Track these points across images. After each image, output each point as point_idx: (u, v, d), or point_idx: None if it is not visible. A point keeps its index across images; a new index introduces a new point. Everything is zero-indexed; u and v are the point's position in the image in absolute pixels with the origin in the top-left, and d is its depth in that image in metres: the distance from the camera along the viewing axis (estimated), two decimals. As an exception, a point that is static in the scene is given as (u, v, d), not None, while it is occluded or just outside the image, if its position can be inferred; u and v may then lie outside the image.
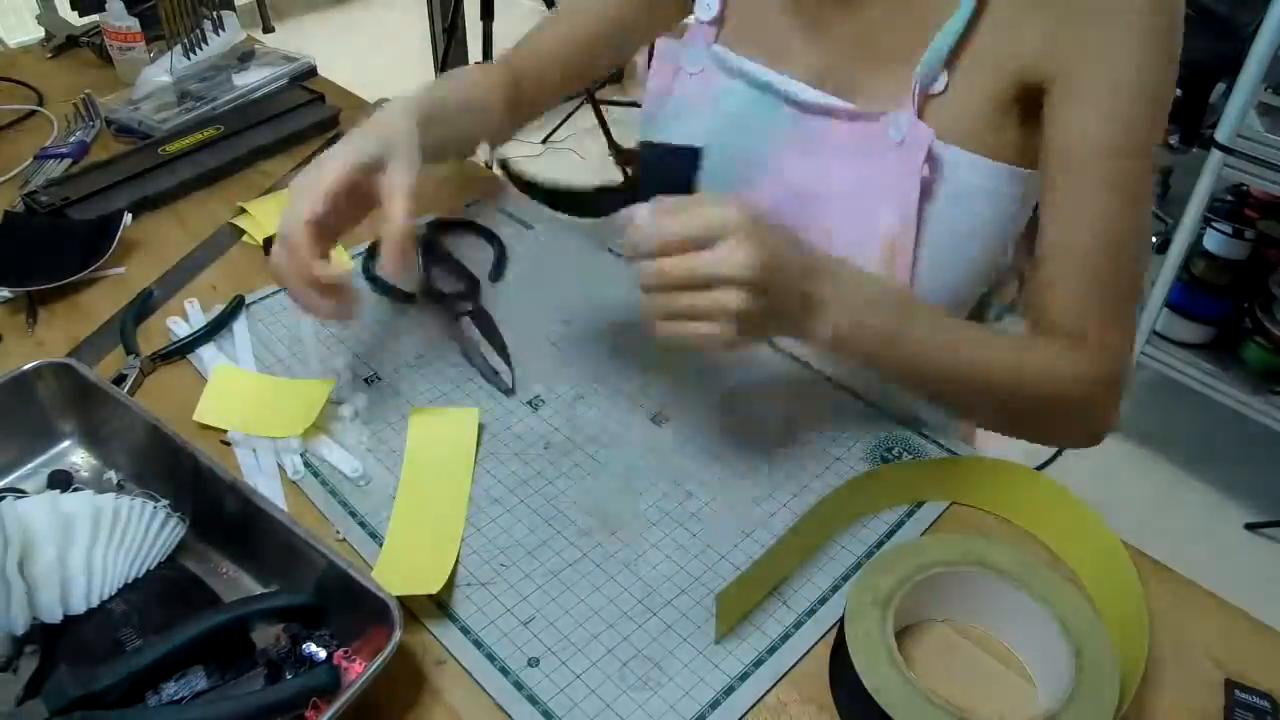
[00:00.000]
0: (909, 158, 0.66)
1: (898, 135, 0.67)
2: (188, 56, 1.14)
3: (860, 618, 0.51)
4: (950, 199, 0.67)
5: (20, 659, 0.51)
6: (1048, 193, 0.64)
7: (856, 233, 0.70)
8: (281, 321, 0.77)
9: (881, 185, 0.68)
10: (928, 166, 0.66)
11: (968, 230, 0.68)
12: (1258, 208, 1.78)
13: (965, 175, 0.67)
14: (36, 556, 0.52)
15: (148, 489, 0.61)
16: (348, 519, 0.61)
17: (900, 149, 0.67)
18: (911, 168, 0.66)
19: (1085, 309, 0.64)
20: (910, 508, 0.63)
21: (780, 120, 0.73)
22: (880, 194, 0.69)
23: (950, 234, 0.68)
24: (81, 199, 0.90)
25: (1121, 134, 0.61)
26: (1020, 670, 0.54)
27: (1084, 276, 0.63)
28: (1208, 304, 1.77)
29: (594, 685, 0.52)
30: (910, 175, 0.66)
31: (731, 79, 0.76)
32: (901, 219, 0.68)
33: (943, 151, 0.66)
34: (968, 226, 0.68)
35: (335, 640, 0.52)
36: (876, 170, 0.69)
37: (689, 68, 0.78)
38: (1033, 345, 0.65)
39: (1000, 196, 0.68)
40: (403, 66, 3.11)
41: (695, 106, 0.78)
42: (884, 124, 0.68)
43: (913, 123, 0.66)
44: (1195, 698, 0.52)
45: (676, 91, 0.79)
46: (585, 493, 0.63)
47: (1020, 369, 0.63)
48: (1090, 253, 0.63)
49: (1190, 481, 1.87)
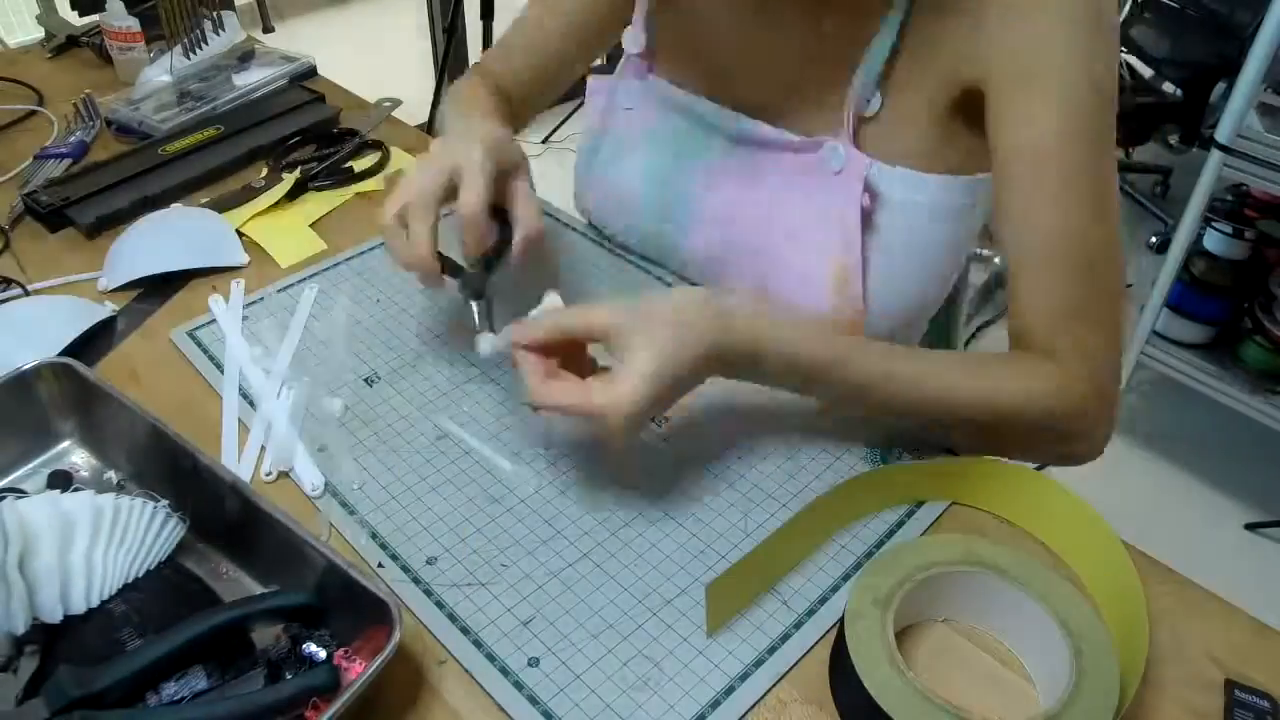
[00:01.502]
0: (848, 186, 0.66)
1: (837, 164, 0.66)
2: (188, 56, 1.14)
3: (860, 618, 0.51)
4: (896, 221, 0.67)
5: (20, 659, 0.51)
6: (1002, 198, 0.62)
7: (805, 262, 0.70)
8: (278, 318, 0.77)
9: (824, 214, 0.68)
10: (867, 196, 0.65)
11: (919, 247, 0.68)
12: (1258, 208, 1.78)
13: (910, 194, 0.66)
14: (37, 556, 0.52)
15: (148, 489, 0.61)
16: (357, 529, 0.61)
17: (839, 178, 0.67)
18: (851, 196, 0.66)
19: (1059, 316, 0.61)
20: (910, 507, 0.63)
21: (717, 153, 0.73)
22: (824, 222, 0.68)
23: (899, 255, 0.68)
24: (81, 199, 0.90)
25: (1065, 128, 0.59)
26: (1020, 670, 0.54)
27: (1053, 281, 0.61)
28: (1208, 304, 1.77)
29: (594, 685, 0.52)
30: (851, 204, 0.66)
31: (666, 113, 0.75)
32: (846, 246, 0.67)
33: (882, 175, 0.66)
34: (918, 243, 0.68)
35: (335, 640, 0.52)
36: (817, 199, 0.68)
37: (623, 103, 0.77)
38: (1003, 365, 0.62)
39: (950, 210, 0.67)
40: (403, 66, 3.11)
41: (632, 143, 0.77)
42: (822, 154, 0.68)
43: (849, 151, 0.66)
44: (1195, 698, 0.52)
45: (611, 129, 0.79)
46: (585, 493, 0.63)
47: (992, 392, 0.61)
48: (1055, 255, 0.60)
49: (1190, 481, 1.87)
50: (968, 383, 0.61)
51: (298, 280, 0.82)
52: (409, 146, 1.03)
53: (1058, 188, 0.59)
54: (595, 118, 0.80)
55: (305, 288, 0.81)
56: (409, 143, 1.04)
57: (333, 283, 0.82)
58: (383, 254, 0.86)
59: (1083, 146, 0.59)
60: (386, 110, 1.10)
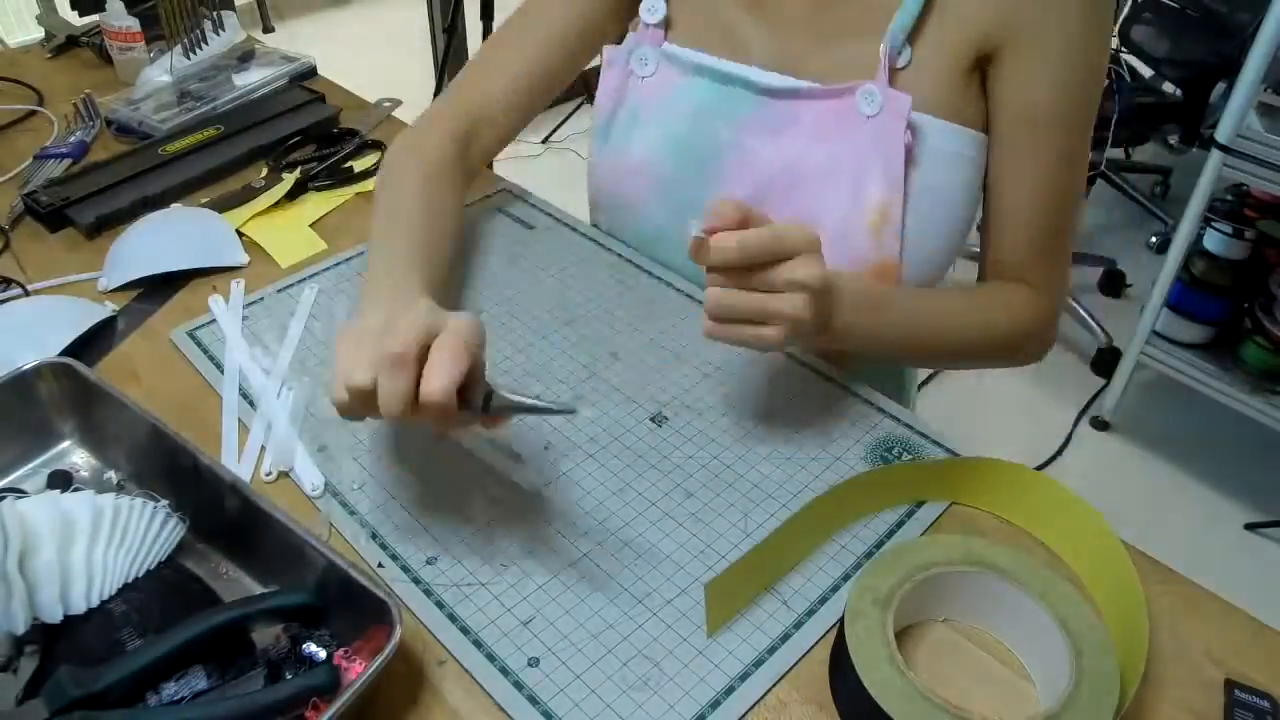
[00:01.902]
0: (888, 128, 0.68)
1: (871, 108, 0.69)
2: (188, 56, 1.14)
3: (860, 618, 0.51)
4: (930, 166, 0.70)
5: (20, 659, 0.51)
6: (997, 152, 0.71)
7: (840, 208, 0.72)
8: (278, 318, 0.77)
9: (860, 158, 0.70)
10: (909, 134, 0.68)
11: (948, 196, 0.72)
12: (1258, 208, 1.78)
13: (939, 142, 0.69)
14: (37, 555, 0.52)
15: (148, 489, 0.61)
16: (357, 529, 0.61)
17: (875, 121, 0.69)
18: (893, 137, 0.68)
19: (1030, 256, 0.73)
20: (910, 507, 0.63)
21: (745, 108, 0.74)
22: (861, 167, 0.70)
23: (933, 199, 0.71)
24: (81, 199, 0.90)
25: (1066, 100, 0.67)
26: (1020, 670, 0.54)
27: (1030, 228, 0.72)
28: (1208, 304, 1.77)
29: (594, 685, 0.52)
30: (893, 144, 0.68)
31: (688, 76, 0.76)
32: (888, 188, 0.70)
33: (919, 119, 0.69)
34: (948, 192, 0.72)
35: (335, 640, 0.52)
36: (852, 145, 0.70)
37: (640, 71, 0.78)
38: (990, 293, 0.74)
39: (969, 161, 0.71)
40: (403, 66, 3.11)
41: (652, 110, 0.77)
42: (854, 99, 0.70)
43: (887, 93, 0.68)
44: (1195, 698, 0.52)
45: (630, 99, 0.79)
46: (585, 493, 0.63)
47: (987, 318, 0.73)
48: (1036, 209, 0.71)
49: (1190, 481, 1.87)
50: (974, 315, 0.73)
51: (298, 280, 0.82)
52: None
53: (1049, 155, 0.69)
54: (610, 88, 0.80)
55: (305, 288, 0.81)
56: (409, 143, 1.04)
57: (333, 283, 0.82)
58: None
59: (1076, 121, 0.69)
60: (386, 110, 1.10)
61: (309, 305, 0.79)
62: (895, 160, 0.69)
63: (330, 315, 0.78)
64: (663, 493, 0.63)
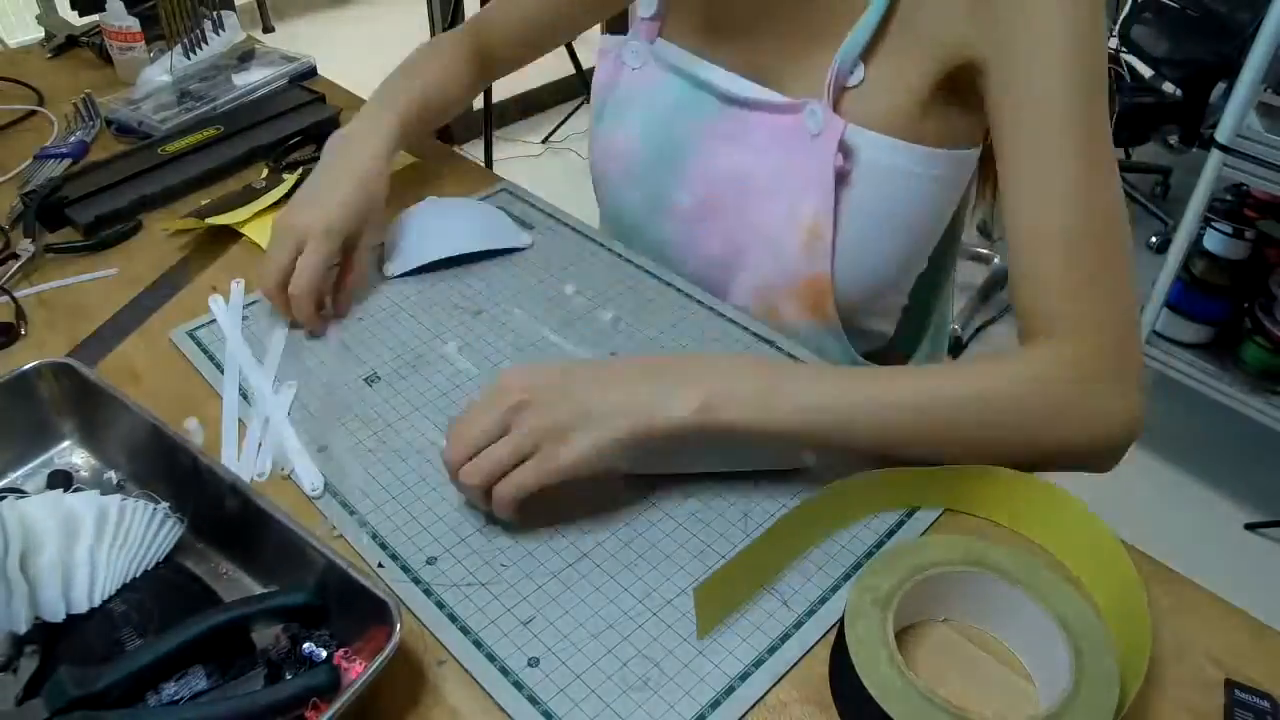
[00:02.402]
0: (824, 148, 0.69)
1: (815, 127, 0.69)
2: (188, 56, 1.14)
3: (860, 618, 0.51)
4: (869, 186, 0.69)
5: (20, 659, 0.51)
6: (1005, 174, 0.62)
7: (778, 222, 0.73)
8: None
9: (800, 175, 0.71)
10: (840, 156, 0.68)
11: (891, 214, 0.71)
12: (1258, 208, 1.78)
13: (886, 159, 0.69)
14: (39, 555, 0.52)
15: (148, 489, 0.61)
16: (357, 529, 0.61)
17: (817, 140, 0.69)
18: (827, 158, 0.69)
19: (1069, 290, 0.60)
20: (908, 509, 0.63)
21: (710, 111, 0.77)
22: (799, 184, 0.71)
23: (869, 220, 0.71)
24: (81, 198, 0.90)
25: (1068, 102, 0.59)
26: (1020, 670, 0.54)
27: (1061, 256, 0.60)
28: (1208, 304, 1.77)
29: (594, 685, 0.52)
30: (826, 165, 0.69)
31: (668, 74, 0.79)
32: (819, 208, 0.70)
33: (860, 139, 0.68)
34: (889, 211, 0.71)
35: (335, 640, 0.52)
36: (795, 161, 0.71)
37: (630, 63, 0.82)
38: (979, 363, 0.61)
39: (925, 179, 0.70)
40: (403, 66, 3.10)
41: (636, 101, 0.82)
42: (802, 116, 0.70)
43: (826, 114, 0.68)
44: (1195, 698, 0.52)
45: (621, 86, 0.83)
46: (585, 493, 0.63)
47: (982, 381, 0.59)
48: (1064, 229, 0.60)
49: (1190, 481, 1.87)
50: (951, 380, 0.59)
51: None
52: (408, 146, 1.03)
53: (1063, 163, 0.60)
54: (604, 76, 0.85)
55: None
56: (409, 143, 1.04)
57: (333, 283, 0.82)
58: (382, 254, 0.86)
59: (1085, 121, 0.60)
60: (386, 110, 1.10)
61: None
62: (828, 180, 0.69)
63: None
64: (663, 493, 0.63)
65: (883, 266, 0.73)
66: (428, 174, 0.99)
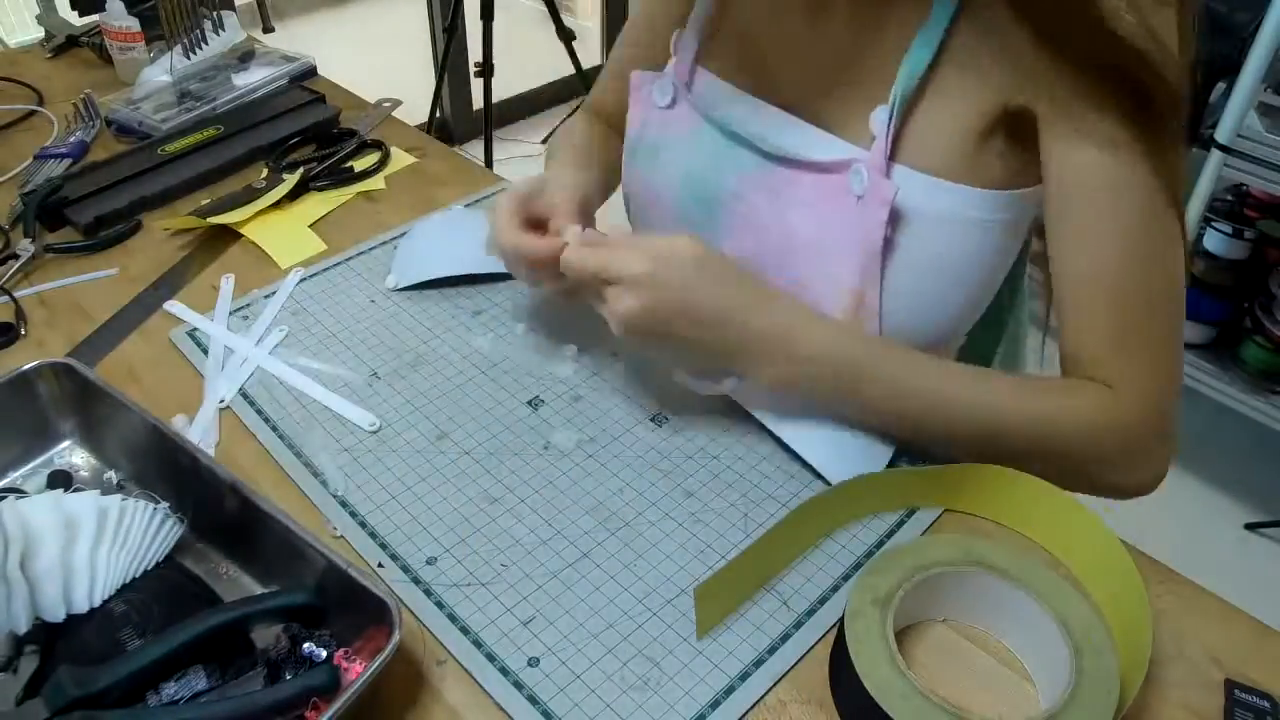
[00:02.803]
0: (870, 212, 0.64)
1: (860, 189, 0.64)
2: (188, 56, 1.14)
3: (860, 618, 0.51)
4: (920, 234, 0.64)
5: (20, 659, 0.51)
6: (1059, 226, 0.61)
7: (823, 282, 0.68)
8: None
9: (843, 238, 0.66)
10: (890, 226, 0.63)
11: (942, 269, 0.65)
12: (1258, 208, 1.78)
13: (939, 205, 0.63)
14: (39, 555, 0.52)
15: (148, 489, 0.61)
16: (349, 520, 0.61)
17: (862, 203, 0.64)
18: (873, 223, 0.63)
19: (1113, 346, 0.61)
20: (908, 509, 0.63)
21: (748, 164, 0.71)
22: (843, 247, 0.66)
23: (920, 273, 0.65)
24: (81, 198, 0.90)
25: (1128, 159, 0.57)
26: (1020, 670, 0.54)
27: (1109, 310, 0.60)
28: (1208, 304, 1.77)
29: (594, 685, 0.52)
30: (873, 231, 0.64)
31: (702, 121, 0.74)
32: (864, 271, 0.65)
33: (910, 184, 0.63)
34: (942, 265, 0.65)
35: (335, 640, 0.52)
36: (838, 222, 0.66)
37: (658, 101, 0.76)
38: (1054, 387, 0.62)
39: (980, 223, 0.64)
40: (403, 66, 3.11)
41: (671, 147, 0.76)
42: (846, 176, 0.65)
43: (874, 176, 0.63)
44: (1195, 698, 0.52)
45: (653, 126, 0.78)
46: (585, 493, 0.63)
47: (1039, 412, 0.61)
48: (1105, 287, 0.60)
49: (1190, 481, 1.87)
50: (1014, 402, 0.61)
51: (297, 280, 0.82)
52: (409, 146, 1.03)
53: (1122, 218, 0.59)
54: (637, 111, 0.79)
55: (293, 280, 0.82)
56: (409, 143, 1.04)
57: (333, 283, 0.82)
58: (382, 254, 0.86)
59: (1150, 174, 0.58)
60: (386, 110, 1.10)
61: (289, 292, 0.80)
62: (874, 248, 0.64)
63: (330, 316, 0.78)
64: (663, 493, 0.63)
65: (937, 317, 0.68)
66: (428, 174, 0.99)
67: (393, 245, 0.87)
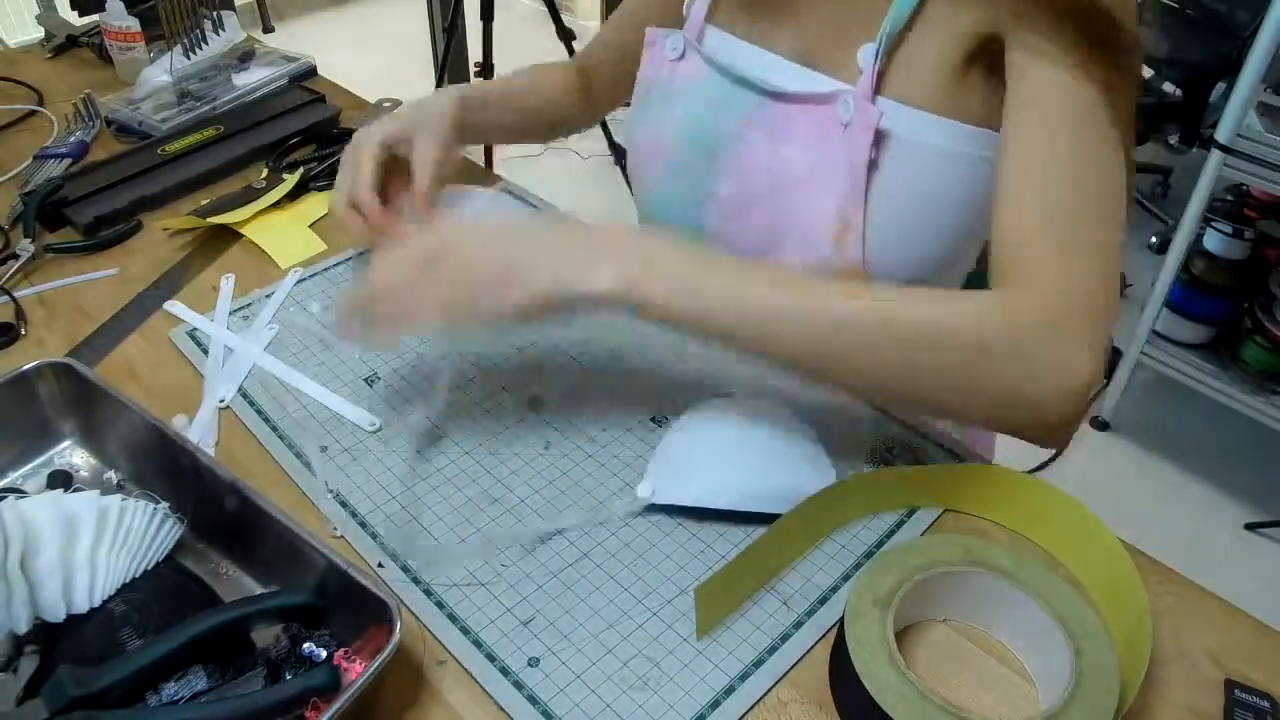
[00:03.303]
0: (856, 137, 0.67)
1: (846, 115, 0.67)
2: (188, 56, 1.14)
3: (860, 618, 0.51)
4: (904, 165, 0.67)
5: (20, 659, 0.51)
6: (1005, 132, 0.61)
7: (809, 214, 0.71)
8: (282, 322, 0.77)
9: (831, 166, 0.69)
10: (875, 149, 0.66)
11: (925, 197, 0.68)
12: (1258, 208, 1.78)
13: (923, 137, 0.66)
14: (39, 555, 0.52)
15: (148, 489, 0.61)
16: (349, 520, 0.61)
17: (849, 130, 0.67)
18: (858, 148, 0.66)
19: (1031, 247, 0.56)
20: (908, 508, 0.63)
21: (748, 105, 0.75)
22: (830, 174, 0.69)
23: (904, 206, 0.68)
24: (81, 199, 0.90)
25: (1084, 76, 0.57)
26: (1020, 670, 0.54)
27: (1033, 210, 0.57)
28: (1208, 304, 1.77)
29: (594, 685, 0.52)
30: (859, 155, 0.66)
31: (708, 69, 0.78)
32: (848, 198, 0.68)
33: (896, 116, 0.65)
34: (926, 193, 0.67)
35: (335, 640, 0.52)
36: (827, 151, 0.69)
37: (669, 54, 0.80)
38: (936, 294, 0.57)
39: (962, 157, 0.66)
40: (403, 66, 3.11)
41: (676, 96, 0.80)
42: (834, 107, 0.68)
43: (860, 103, 0.66)
44: (1195, 698, 0.52)
45: (661, 80, 0.82)
46: (585, 493, 0.63)
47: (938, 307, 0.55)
48: (1043, 183, 0.57)
49: (1190, 481, 1.87)
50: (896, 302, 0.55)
51: (297, 280, 0.82)
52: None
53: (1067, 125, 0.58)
54: (649, 69, 0.83)
55: (290, 281, 0.82)
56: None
57: (333, 283, 0.82)
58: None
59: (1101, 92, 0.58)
60: (386, 110, 1.10)
61: (285, 293, 0.80)
62: (859, 170, 0.67)
63: (330, 316, 0.78)
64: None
65: (921, 251, 0.70)
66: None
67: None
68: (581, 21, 3.43)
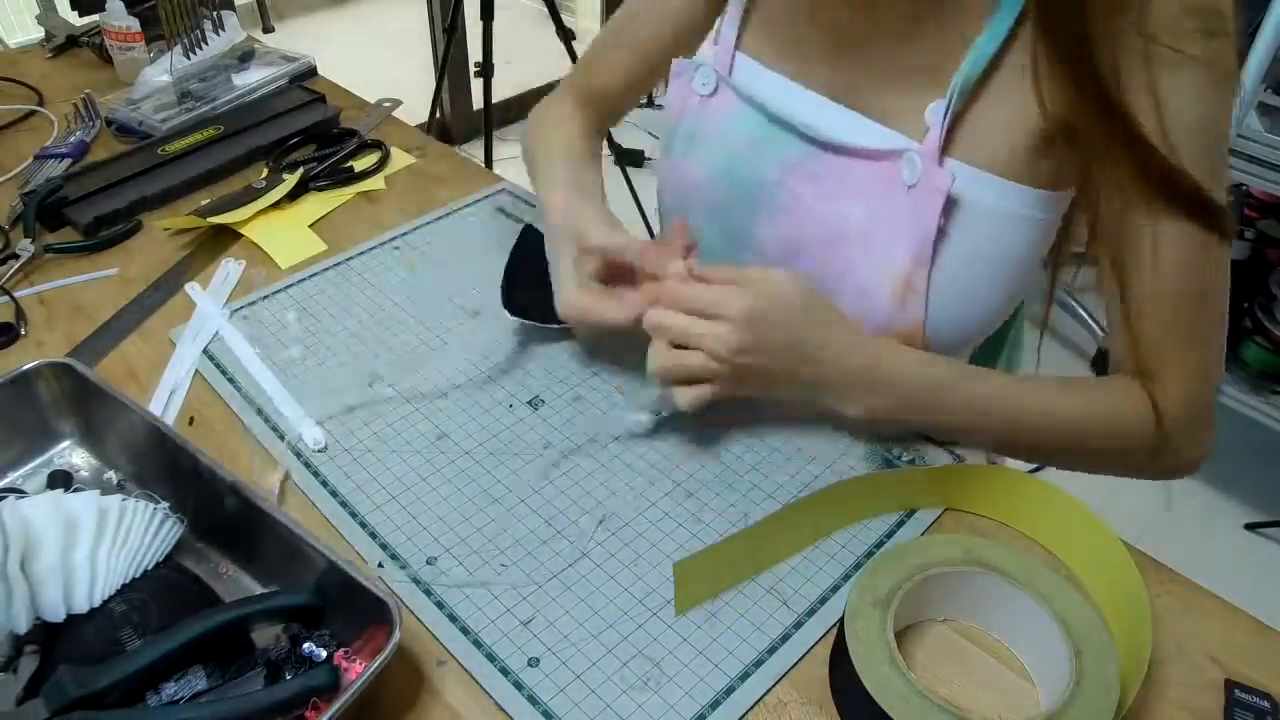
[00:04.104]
0: (924, 201, 0.64)
1: (911, 177, 0.64)
2: (188, 56, 1.14)
3: (860, 618, 0.51)
4: (971, 232, 0.64)
5: (20, 659, 0.51)
6: (1129, 240, 0.61)
7: (868, 271, 0.68)
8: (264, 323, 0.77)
9: (893, 226, 0.66)
10: (944, 216, 0.63)
11: (990, 261, 0.66)
12: (1258, 208, 1.78)
13: (993, 202, 0.63)
14: (40, 555, 0.52)
15: (148, 489, 0.61)
16: (349, 520, 0.61)
17: (914, 191, 0.64)
18: (927, 211, 0.63)
19: (1174, 348, 0.64)
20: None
21: (793, 152, 0.71)
22: (893, 234, 0.66)
23: (969, 269, 0.66)
24: (81, 199, 0.90)
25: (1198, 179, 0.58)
26: (1020, 670, 0.54)
27: (1170, 318, 0.63)
28: (1208, 304, 1.76)
29: (594, 685, 0.52)
30: (928, 218, 0.64)
31: (743, 106, 0.73)
32: (915, 260, 0.65)
33: (965, 179, 0.63)
34: (990, 257, 0.65)
35: (335, 640, 0.52)
36: (889, 210, 0.66)
37: (699, 89, 0.76)
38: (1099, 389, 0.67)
39: (1031, 222, 0.64)
40: (403, 66, 3.11)
41: (710, 134, 0.76)
42: (897, 165, 0.65)
43: (928, 165, 0.63)
44: (1195, 698, 0.52)
45: (690, 114, 0.77)
46: (585, 493, 0.63)
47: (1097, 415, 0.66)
48: (1179, 304, 0.62)
49: (1190, 481, 1.87)
50: (1087, 406, 0.66)
51: (297, 280, 0.82)
52: (409, 146, 1.03)
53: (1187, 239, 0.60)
54: (676, 101, 0.78)
55: (301, 288, 0.81)
56: (409, 143, 1.04)
57: (333, 283, 0.82)
58: (382, 254, 0.86)
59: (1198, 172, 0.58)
60: (386, 110, 1.10)
61: (302, 301, 0.79)
62: (927, 234, 0.64)
63: (330, 316, 0.78)
64: (663, 493, 0.63)
65: (980, 314, 0.69)
66: (428, 174, 0.99)
67: (393, 246, 0.87)
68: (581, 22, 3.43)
